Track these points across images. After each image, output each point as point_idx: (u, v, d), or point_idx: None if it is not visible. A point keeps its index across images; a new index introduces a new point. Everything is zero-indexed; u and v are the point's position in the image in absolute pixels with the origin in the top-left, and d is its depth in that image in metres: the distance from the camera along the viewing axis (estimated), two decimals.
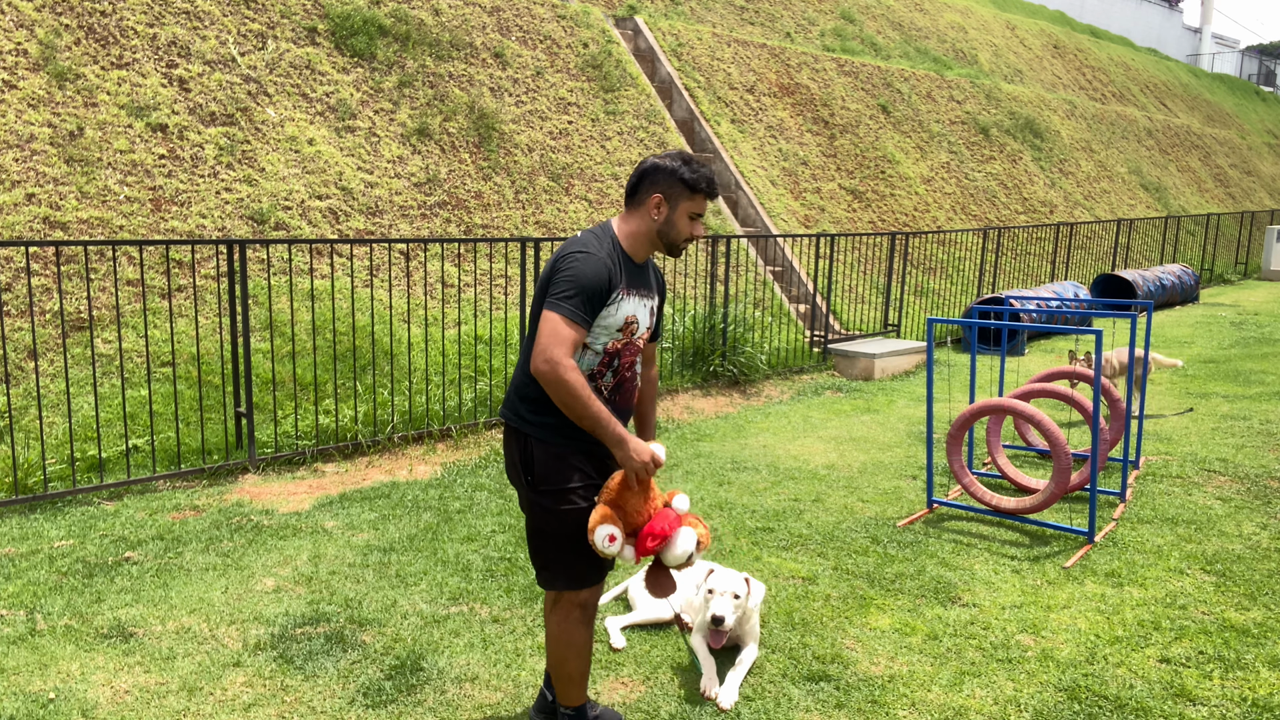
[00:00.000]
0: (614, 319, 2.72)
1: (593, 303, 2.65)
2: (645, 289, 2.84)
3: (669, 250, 2.82)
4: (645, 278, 2.86)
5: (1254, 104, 31.96)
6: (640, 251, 2.81)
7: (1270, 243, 20.17)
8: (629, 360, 2.83)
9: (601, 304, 2.68)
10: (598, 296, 2.66)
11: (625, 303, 2.73)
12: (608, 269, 2.68)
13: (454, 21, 10.29)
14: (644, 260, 2.85)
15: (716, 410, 8.04)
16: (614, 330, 2.74)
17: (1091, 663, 3.62)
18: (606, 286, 2.67)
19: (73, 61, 7.37)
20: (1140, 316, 11.39)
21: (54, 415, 5.80)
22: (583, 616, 2.87)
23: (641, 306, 2.81)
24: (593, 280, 2.65)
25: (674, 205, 2.77)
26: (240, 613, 3.97)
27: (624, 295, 2.73)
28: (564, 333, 2.59)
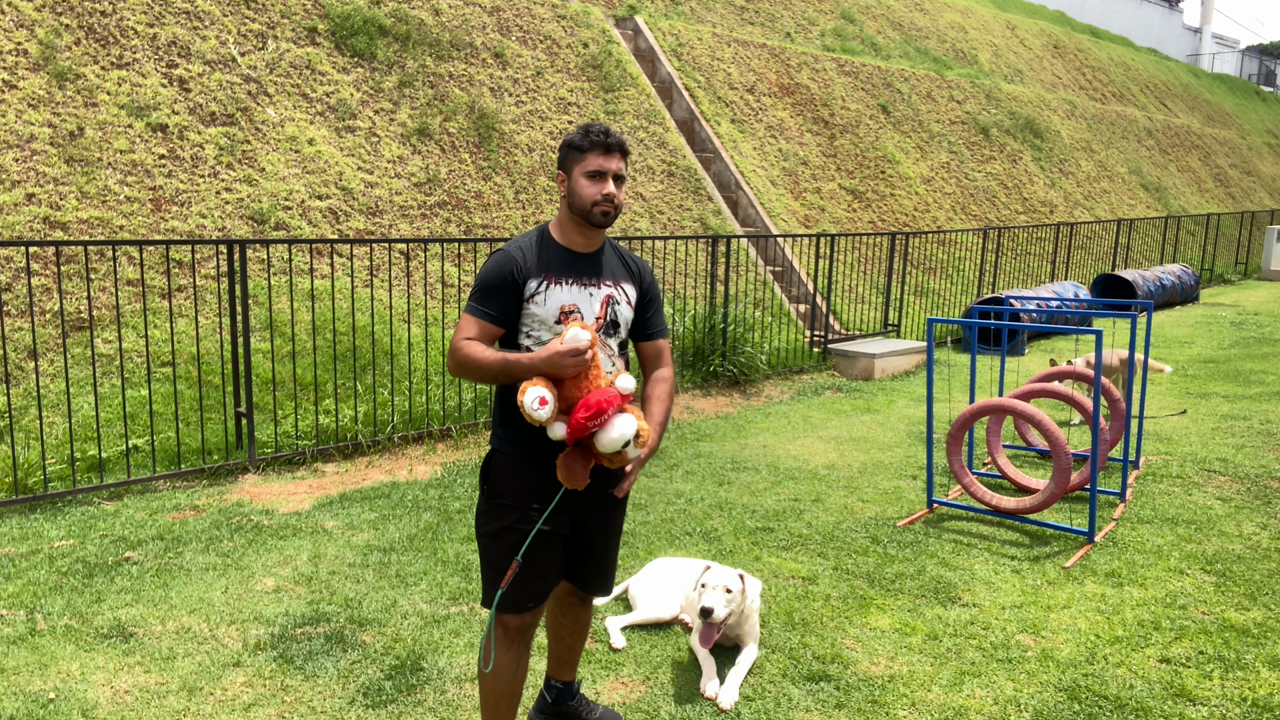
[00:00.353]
0: (544, 309, 2.59)
1: (493, 295, 2.58)
2: (590, 277, 2.66)
3: (587, 220, 2.61)
4: (590, 266, 2.68)
5: (1254, 104, 31.96)
6: (574, 237, 2.67)
7: (1270, 243, 20.17)
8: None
9: (510, 295, 2.59)
10: (499, 288, 2.57)
11: (554, 291, 2.60)
12: (511, 259, 2.59)
13: (454, 21, 10.29)
14: (591, 248, 2.70)
15: (716, 410, 8.04)
16: (550, 323, 2.60)
17: (1091, 663, 3.62)
18: (510, 277, 2.57)
19: (73, 61, 7.37)
20: (1140, 316, 11.40)
21: (54, 415, 5.80)
22: (505, 638, 2.69)
23: (584, 295, 2.64)
24: (490, 273, 2.59)
25: (570, 172, 2.63)
26: (240, 613, 3.97)
27: (550, 284, 2.60)
28: (463, 325, 2.58)
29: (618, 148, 2.62)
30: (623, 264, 2.78)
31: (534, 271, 2.59)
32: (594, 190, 2.59)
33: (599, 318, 2.65)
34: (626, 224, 9.90)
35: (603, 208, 2.59)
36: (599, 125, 2.60)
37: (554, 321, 2.59)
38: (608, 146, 2.59)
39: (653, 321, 2.84)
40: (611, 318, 2.69)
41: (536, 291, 2.59)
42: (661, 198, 10.50)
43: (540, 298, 2.59)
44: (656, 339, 2.86)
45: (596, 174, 2.59)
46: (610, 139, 2.59)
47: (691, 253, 9.96)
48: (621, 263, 2.78)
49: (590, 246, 2.69)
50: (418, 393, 6.89)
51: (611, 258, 2.75)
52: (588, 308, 2.64)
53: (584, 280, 2.65)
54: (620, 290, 2.72)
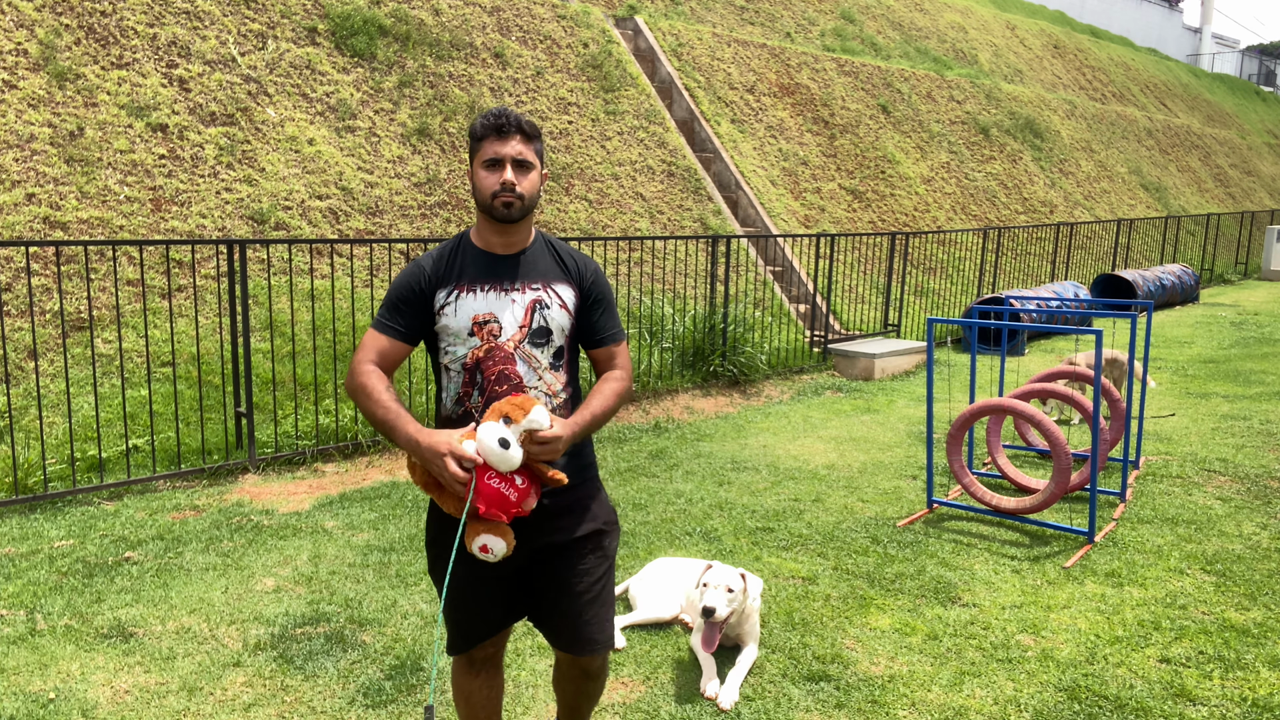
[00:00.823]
0: (455, 320, 2.34)
1: (399, 309, 2.36)
2: (510, 281, 2.38)
3: (489, 215, 2.36)
4: (510, 268, 2.40)
5: (1254, 104, 31.96)
6: (490, 239, 2.40)
7: (1270, 243, 20.17)
8: (498, 371, 2.34)
9: (417, 308, 2.37)
10: (405, 300, 2.36)
11: (465, 300, 2.34)
12: (419, 270, 2.37)
13: (454, 21, 10.29)
14: (513, 248, 2.41)
15: (716, 410, 8.04)
16: (463, 334, 2.34)
17: (1091, 663, 3.62)
18: (417, 288, 2.36)
19: (73, 61, 7.37)
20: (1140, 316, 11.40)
21: (54, 415, 5.80)
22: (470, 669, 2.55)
23: (503, 302, 2.36)
24: (397, 285, 2.39)
25: (472, 166, 2.38)
26: (240, 613, 3.97)
27: (461, 292, 2.35)
28: (366, 341, 2.38)
29: (515, 128, 2.33)
30: (557, 263, 2.47)
31: (443, 280, 2.36)
32: (491, 180, 2.32)
33: (522, 325, 2.37)
34: (627, 224, 9.90)
35: (503, 198, 2.31)
36: (497, 108, 2.35)
37: (467, 334, 2.34)
38: (500, 129, 2.32)
39: (602, 324, 2.50)
40: (539, 324, 2.38)
41: (446, 303, 2.35)
42: (661, 198, 10.50)
43: (450, 309, 2.35)
44: (608, 344, 2.51)
45: (493, 162, 2.32)
46: (504, 120, 2.33)
47: (691, 253, 9.95)
48: (556, 262, 2.47)
49: (511, 246, 2.41)
50: (418, 392, 6.89)
51: (542, 257, 2.45)
52: (509, 315, 2.36)
53: (503, 285, 2.37)
54: (551, 293, 2.41)
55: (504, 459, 2.12)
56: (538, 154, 2.39)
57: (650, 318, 8.63)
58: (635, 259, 9.44)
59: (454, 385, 2.38)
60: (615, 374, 2.49)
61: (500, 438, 2.11)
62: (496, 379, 2.34)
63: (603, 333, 2.51)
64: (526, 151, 2.35)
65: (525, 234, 2.43)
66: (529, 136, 2.37)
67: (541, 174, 2.41)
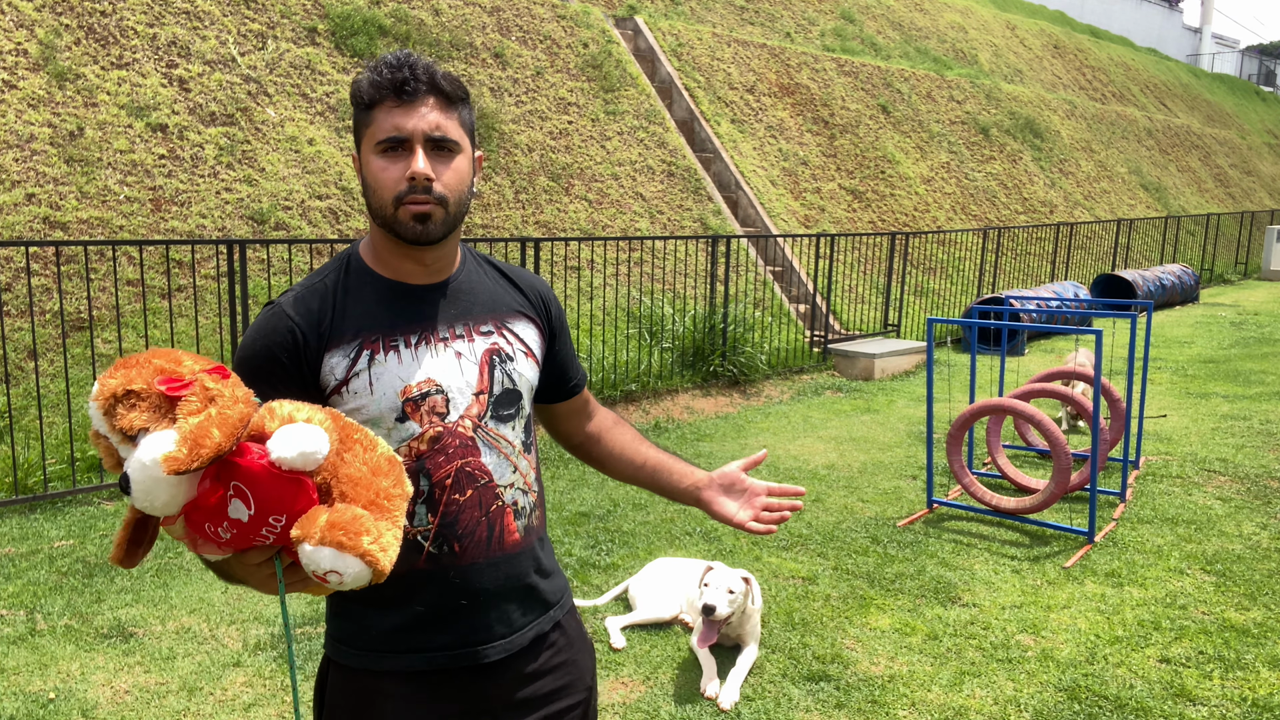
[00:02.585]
0: (369, 401, 1.44)
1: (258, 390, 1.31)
2: (446, 325, 1.51)
3: (394, 231, 1.45)
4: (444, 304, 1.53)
5: (1254, 104, 31.96)
6: (403, 263, 1.50)
7: (1270, 243, 20.17)
8: (457, 470, 1.48)
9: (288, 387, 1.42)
10: (264, 376, 1.41)
11: (384, 364, 1.45)
12: (282, 319, 1.45)
13: (454, 21, 10.29)
14: (438, 274, 1.53)
15: (716, 410, 8.04)
16: (387, 420, 1.44)
17: (1091, 663, 3.62)
18: (286, 353, 1.43)
19: (73, 61, 7.37)
20: (1140, 316, 11.40)
21: (54, 415, 5.80)
22: None
23: (445, 359, 1.49)
24: (249, 351, 1.45)
25: (359, 151, 1.48)
26: (240, 613, 3.97)
27: (375, 352, 1.46)
28: None
29: (427, 85, 1.42)
30: (507, 287, 1.63)
31: (335, 337, 1.45)
32: (392, 174, 1.42)
33: (480, 391, 1.52)
34: (627, 224, 9.89)
35: (413, 206, 1.42)
36: (394, 54, 1.44)
37: (394, 418, 1.45)
38: (402, 86, 1.40)
39: (570, 365, 1.75)
40: (504, 388, 1.55)
41: (351, 374, 1.44)
42: (661, 198, 10.51)
43: (359, 383, 1.44)
44: (580, 388, 1.78)
45: (392, 143, 1.41)
46: (407, 72, 1.41)
47: (691, 253, 9.96)
48: (504, 286, 1.63)
49: (435, 273, 1.53)
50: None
51: (481, 281, 1.60)
52: (456, 381, 1.50)
53: (436, 332, 1.50)
54: (507, 336, 1.58)
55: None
56: (466, 128, 1.49)
57: (650, 318, 8.63)
58: (635, 259, 9.44)
59: None
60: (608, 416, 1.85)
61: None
62: (455, 483, 1.48)
63: (574, 376, 1.76)
64: (447, 125, 1.44)
65: (452, 251, 1.55)
66: (451, 99, 1.45)
67: (474, 159, 1.52)
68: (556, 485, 5.79)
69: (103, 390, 1.17)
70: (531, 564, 1.58)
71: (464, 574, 1.49)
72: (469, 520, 1.49)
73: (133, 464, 1.13)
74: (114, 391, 1.17)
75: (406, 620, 1.49)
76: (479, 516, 1.50)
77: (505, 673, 1.55)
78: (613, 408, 7.60)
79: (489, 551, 1.51)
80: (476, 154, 1.54)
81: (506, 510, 1.53)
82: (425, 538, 1.47)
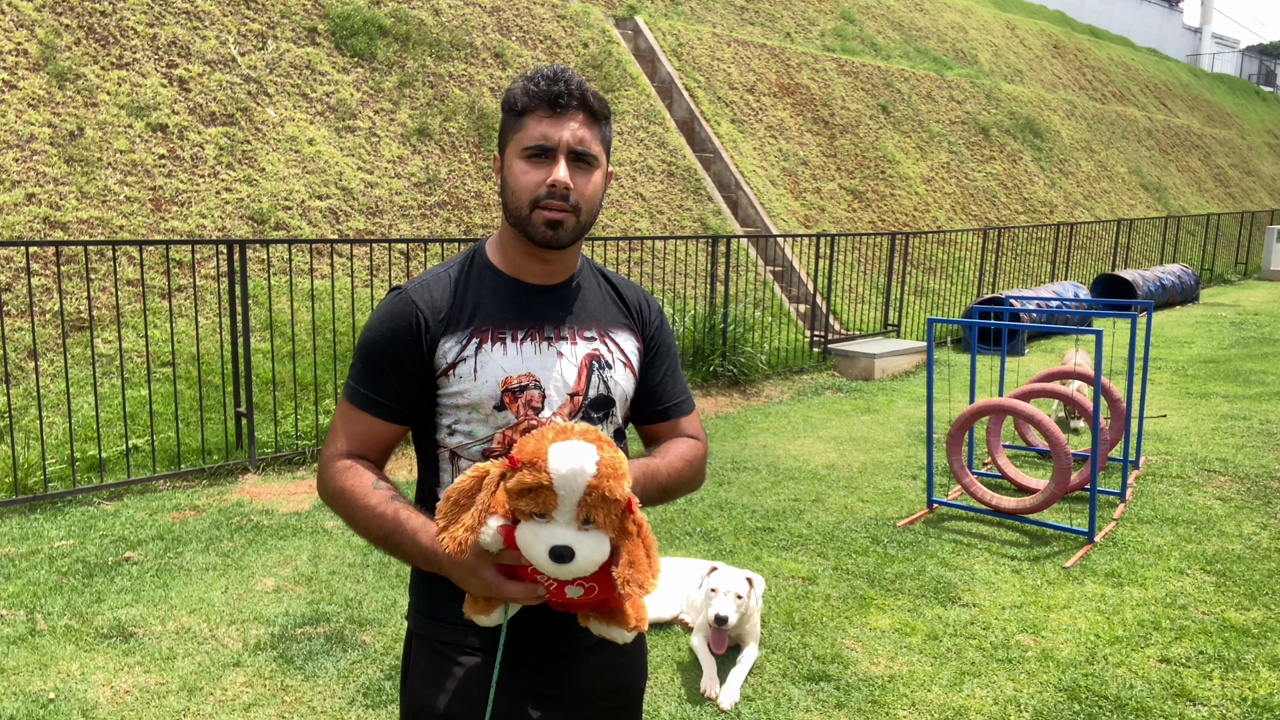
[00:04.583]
0: (475, 385, 1.53)
1: (382, 372, 1.55)
2: (554, 326, 1.60)
3: (527, 234, 1.54)
4: (553, 306, 1.61)
5: (1254, 104, 31.96)
6: (522, 261, 1.60)
7: (1270, 243, 20.17)
8: None
9: (410, 369, 1.55)
10: (393, 358, 1.54)
11: (490, 355, 1.54)
12: (410, 305, 1.55)
13: (454, 21, 10.29)
14: (555, 276, 1.63)
15: (716, 410, 8.04)
16: (487, 407, 1.54)
17: (1091, 663, 3.62)
18: (410, 335, 1.54)
19: (73, 61, 7.37)
20: (1140, 316, 11.39)
21: (54, 415, 5.80)
22: None
23: (546, 358, 1.57)
24: (376, 334, 1.56)
25: (504, 154, 1.57)
26: (240, 613, 3.97)
27: (484, 341, 1.55)
28: (336, 424, 1.59)
29: (577, 101, 1.52)
30: (614, 300, 1.70)
31: (451, 323, 1.56)
32: (534, 178, 1.51)
33: (575, 392, 1.59)
34: (627, 224, 9.89)
35: (549, 212, 1.51)
36: (551, 68, 1.53)
37: (493, 406, 1.54)
38: (557, 100, 1.50)
39: (668, 386, 1.74)
40: (599, 393, 1.61)
41: (459, 358, 1.54)
42: (661, 198, 10.50)
43: (465, 368, 1.54)
44: (674, 415, 1.74)
45: (539, 151, 1.50)
46: (562, 86, 1.51)
47: (691, 253, 9.96)
48: (612, 298, 1.70)
49: (554, 275, 1.62)
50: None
51: (592, 290, 1.68)
52: (555, 377, 1.57)
53: (544, 332, 1.59)
54: (609, 344, 1.64)
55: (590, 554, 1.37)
56: (605, 145, 1.58)
57: None
58: (635, 259, 9.44)
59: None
60: (688, 442, 1.73)
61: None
62: None
63: (669, 399, 1.73)
64: (590, 140, 1.53)
65: (574, 258, 1.65)
66: (596, 116, 1.55)
67: (606, 174, 1.59)
68: None
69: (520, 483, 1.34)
70: None
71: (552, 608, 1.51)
72: None
73: (584, 544, 1.34)
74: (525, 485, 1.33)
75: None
76: None
77: (576, 663, 1.61)
78: None
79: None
80: (610, 170, 1.62)
81: None
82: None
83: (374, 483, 1.52)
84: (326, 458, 1.58)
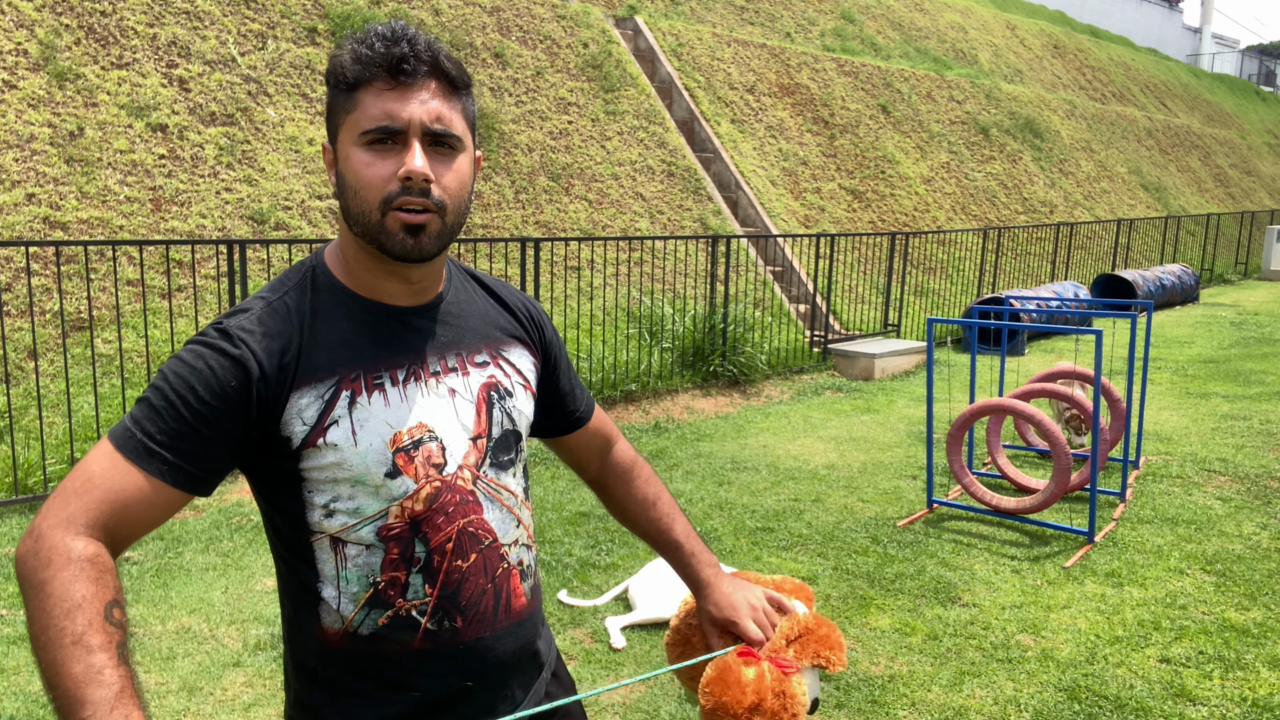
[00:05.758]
0: (352, 454, 1.18)
1: (189, 428, 1.12)
2: (439, 355, 1.27)
3: (381, 246, 1.18)
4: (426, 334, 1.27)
5: (1254, 104, 31.96)
6: (383, 281, 1.24)
7: (1270, 243, 20.17)
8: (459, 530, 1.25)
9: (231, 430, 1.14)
10: (203, 414, 1.12)
11: (367, 407, 1.20)
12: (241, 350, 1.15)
13: (454, 21, 10.29)
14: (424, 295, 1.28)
15: (716, 410, 8.04)
16: (376, 475, 1.19)
17: (1091, 663, 3.62)
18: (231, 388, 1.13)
19: (73, 61, 7.37)
20: (1140, 316, 11.40)
21: (54, 415, 5.80)
22: None
23: (436, 398, 1.25)
24: (186, 375, 1.13)
25: (335, 143, 1.20)
26: (240, 613, 3.97)
27: (353, 393, 1.19)
28: (83, 479, 1.09)
29: (428, 67, 1.17)
30: (498, 307, 1.39)
31: (304, 373, 1.17)
32: (381, 172, 1.16)
33: (477, 435, 1.28)
34: (627, 224, 9.89)
35: (409, 215, 1.16)
36: (386, 25, 1.17)
37: (384, 474, 1.19)
38: (400, 65, 1.15)
39: (575, 389, 1.53)
40: (504, 429, 1.32)
41: (328, 420, 1.17)
42: (661, 198, 10.51)
43: (339, 432, 1.17)
44: (587, 417, 1.54)
45: (383, 134, 1.15)
46: (405, 48, 1.15)
47: (691, 253, 9.96)
48: (496, 306, 1.39)
49: (422, 293, 1.28)
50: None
51: (470, 301, 1.36)
52: (451, 424, 1.25)
53: (427, 365, 1.25)
54: (504, 367, 1.34)
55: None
56: (469, 121, 1.25)
57: (650, 318, 8.63)
58: (635, 259, 9.44)
59: (358, 574, 1.21)
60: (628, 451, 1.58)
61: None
62: (457, 547, 1.24)
63: (581, 403, 1.53)
64: (450, 116, 1.19)
65: (440, 267, 1.31)
66: (455, 85, 1.21)
67: (475, 160, 1.27)
68: (556, 485, 5.79)
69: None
70: (536, 628, 1.38)
71: (468, 652, 1.26)
72: (473, 589, 1.26)
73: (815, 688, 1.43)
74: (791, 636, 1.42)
75: (401, 710, 1.24)
76: (484, 584, 1.27)
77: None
78: (612, 408, 7.60)
79: (495, 623, 1.28)
80: (477, 153, 1.27)
81: (513, 572, 1.31)
82: (422, 613, 1.23)
83: (105, 613, 1.01)
84: (52, 523, 1.05)
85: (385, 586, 1.21)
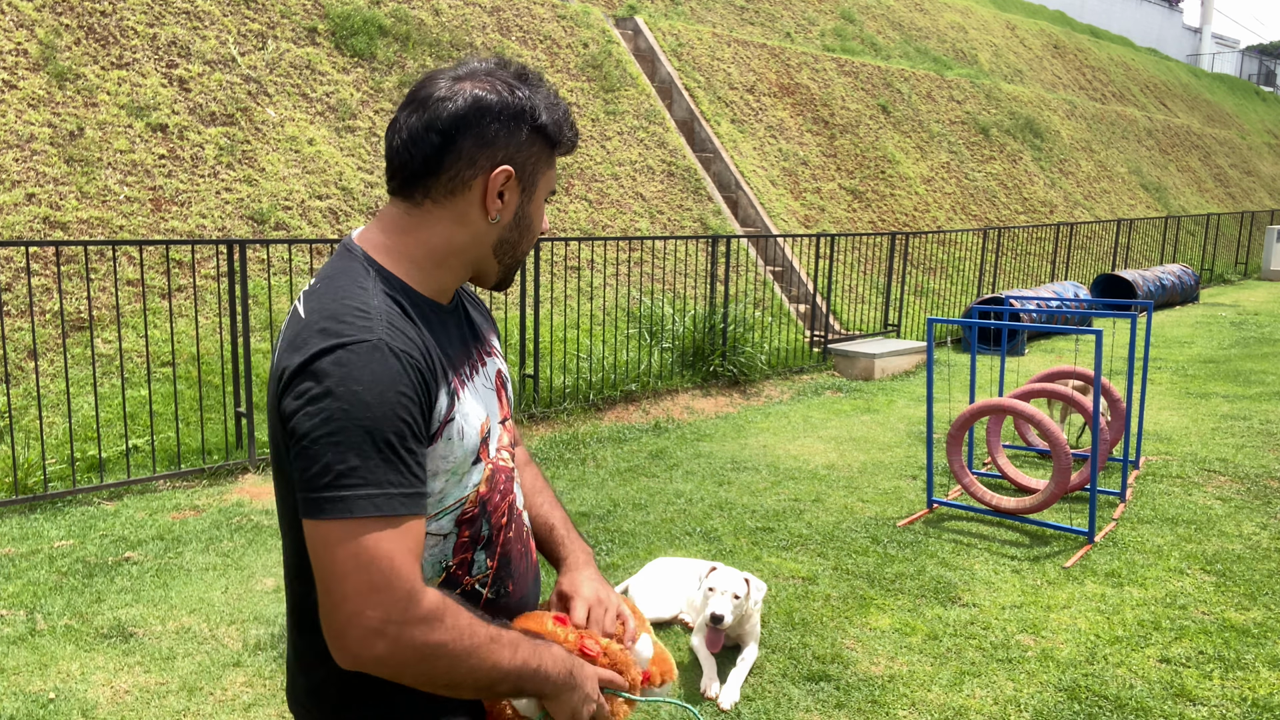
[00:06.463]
0: (458, 445, 1.28)
1: (406, 448, 1.17)
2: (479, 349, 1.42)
3: (505, 273, 1.39)
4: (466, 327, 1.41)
5: (1254, 104, 31.96)
6: (448, 285, 1.35)
7: (1270, 243, 20.17)
8: (508, 507, 1.40)
9: (424, 433, 1.22)
10: (409, 427, 1.18)
11: (465, 400, 1.30)
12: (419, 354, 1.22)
13: (454, 21, 10.29)
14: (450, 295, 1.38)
15: (716, 410, 8.03)
16: (465, 465, 1.30)
17: (1091, 663, 3.62)
18: (421, 394, 1.21)
19: (73, 61, 7.37)
20: (1140, 316, 11.39)
21: (54, 415, 5.80)
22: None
23: (484, 386, 1.39)
24: (379, 403, 1.15)
25: (532, 190, 1.35)
26: (240, 613, 3.97)
27: (458, 387, 1.29)
28: (382, 558, 1.13)
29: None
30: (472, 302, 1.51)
31: (432, 370, 1.25)
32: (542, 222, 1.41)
33: (504, 418, 1.44)
34: (627, 224, 9.89)
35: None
36: (565, 110, 1.37)
37: (470, 464, 1.31)
38: (573, 148, 1.42)
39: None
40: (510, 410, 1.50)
41: (449, 415, 1.26)
42: (661, 198, 10.50)
43: (454, 426, 1.27)
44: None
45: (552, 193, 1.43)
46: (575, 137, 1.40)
47: (691, 253, 9.95)
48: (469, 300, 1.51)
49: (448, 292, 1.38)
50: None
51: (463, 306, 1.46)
52: (495, 409, 1.40)
53: (475, 359, 1.39)
54: (497, 354, 1.50)
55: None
56: None
57: (650, 318, 8.63)
58: (635, 259, 9.44)
59: (432, 561, 1.30)
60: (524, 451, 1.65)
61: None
62: (509, 521, 1.40)
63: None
64: None
65: None
66: None
67: None
68: (556, 485, 5.79)
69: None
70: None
71: (513, 611, 1.41)
72: (517, 555, 1.42)
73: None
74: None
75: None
76: (521, 549, 1.44)
77: None
78: (612, 408, 7.61)
79: (528, 579, 1.46)
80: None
81: (527, 531, 1.49)
82: (484, 584, 1.36)
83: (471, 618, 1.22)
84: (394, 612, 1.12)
85: (456, 568, 1.33)
